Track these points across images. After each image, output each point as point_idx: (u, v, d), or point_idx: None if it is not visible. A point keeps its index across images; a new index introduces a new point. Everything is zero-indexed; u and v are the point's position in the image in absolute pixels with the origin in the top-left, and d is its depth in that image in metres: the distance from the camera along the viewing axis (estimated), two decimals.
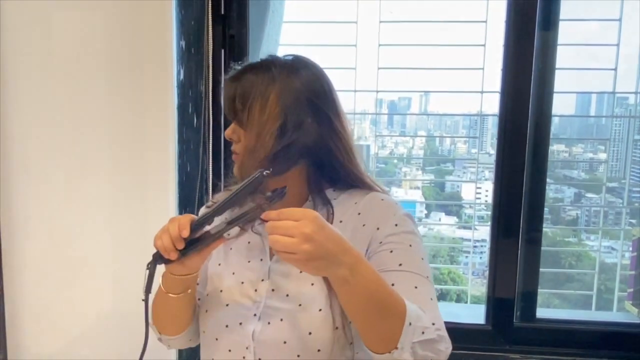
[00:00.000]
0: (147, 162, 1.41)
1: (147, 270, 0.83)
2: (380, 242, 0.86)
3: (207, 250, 0.83)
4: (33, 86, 1.38)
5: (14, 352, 1.43)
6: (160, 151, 1.40)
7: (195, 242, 0.80)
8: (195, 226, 0.79)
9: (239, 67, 0.91)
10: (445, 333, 0.80)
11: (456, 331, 1.61)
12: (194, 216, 0.80)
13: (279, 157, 0.85)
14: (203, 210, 1.01)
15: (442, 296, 2.63)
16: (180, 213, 1.44)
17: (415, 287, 0.82)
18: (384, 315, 0.75)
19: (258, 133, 0.85)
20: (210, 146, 1.53)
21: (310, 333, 0.84)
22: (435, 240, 2.86)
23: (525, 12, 1.49)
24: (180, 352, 1.50)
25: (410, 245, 0.86)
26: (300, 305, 0.86)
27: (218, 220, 0.82)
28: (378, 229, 0.87)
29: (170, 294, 0.88)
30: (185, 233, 0.78)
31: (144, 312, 0.85)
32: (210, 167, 1.53)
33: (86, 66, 1.38)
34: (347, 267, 0.72)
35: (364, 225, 0.89)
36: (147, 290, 0.83)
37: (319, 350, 0.84)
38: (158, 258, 0.82)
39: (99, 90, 1.39)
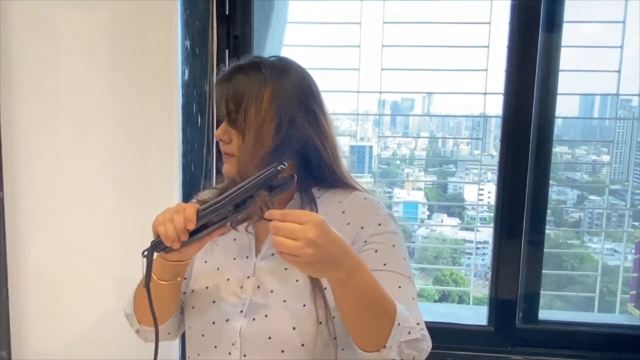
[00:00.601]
0: (152, 161, 1.42)
1: (145, 258, 0.82)
2: (365, 242, 0.89)
3: (208, 239, 0.83)
4: (38, 86, 1.38)
5: (18, 351, 1.44)
6: (164, 151, 1.41)
7: (197, 231, 0.80)
8: (200, 217, 0.78)
9: (227, 68, 0.92)
10: (427, 332, 0.83)
11: (458, 332, 1.63)
12: (198, 206, 0.80)
13: (276, 155, 0.86)
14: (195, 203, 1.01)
15: (444, 297, 2.63)
16: None
17: (399, 287, 0.85)
18: (376, 316, 0.78)
19: (257, 134, 0.86)
20: (214, 146, 1.53)
21: (294, 328, 0.86)
22: (437, 242, 2.86)
23: (529, 14, 1.49)
24: (182, 349, 1.50)
25: (394, 246, 0.89)
26: (284, 301, 0.88)
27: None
28: (362, 227, 0.89)
29: (160, 281, 0.87)
30: (192, 226, 0.78)
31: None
32: (214, 167, 1.53)
33: (91, 66, 1.39)
34: (346, 270, 0.74)
35: (348, 223, 0.91)
36: (148, 278, 0.82)
37: (302, 345, 0.86)
38: (157, 245, 0.81)
39: (104, 90, 1.40)
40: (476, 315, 1.68)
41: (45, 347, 1.45)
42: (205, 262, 0.97)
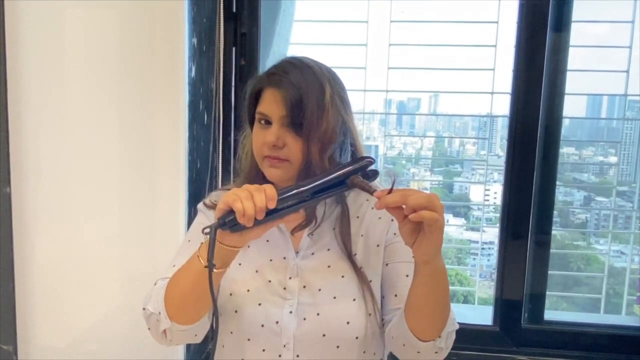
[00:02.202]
0: (158, 159, 1.42)
1: (207, 236, 0.76)
2: (395, 234, 0.92)
3: (278, 223, 0.79)
4: (45, 83, 1.38)
5: (24, 346, 1.44)
6: (171, 148, 1.41)
7: (271, 213, 0.76)
8: (280, 200, 0.75)
9: (273, 70, 0.89)
10: None
11: (464, 332, 1.60)
12: (272, 186, 0.77)
13: (337, 155, 0.88)
14: (201, 207, 0.99)
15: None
16: (190, 210, 1.44)
17: None
18: (445, 307, 0.83)
19: (324, 136, 0.85)
20: (220, 144, 1.54)
21: (348, 322, 0.88)
22: (443, 242, 2.85)
23: (538, 13, 1.48)
24: (187, 346, 1.50)
25: None
26: (334, 297, 0.89)
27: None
28: (392, 220, 0.90)
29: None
30: (273, 204, 0.75)
31: (207, 284, 0.76)
32: (220, 165, 1.54)
33: (98, 63, 1.39)
34: (442, 260, 0.79)
35: (379, 217, 0.94)
36: (211, 257, 0.76)
37: (356, 338, 0.89)
38: (227, 223, 0.76)
39: (111, 87, 1.40)
40: (481, 315, 1.68)
41: (50, 343, 1.45)
42: (240, 264, 0.94)
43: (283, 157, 0.87)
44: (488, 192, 2.15)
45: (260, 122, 0.89)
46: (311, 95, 0.85)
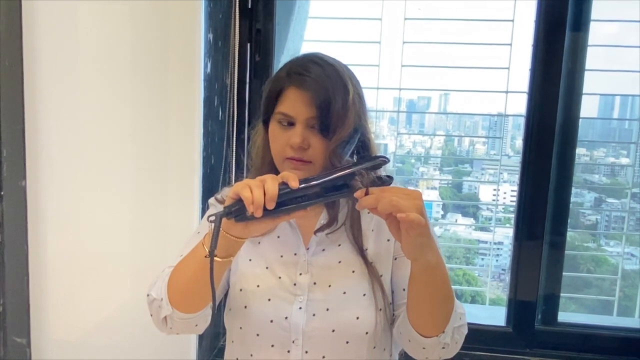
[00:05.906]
0: (172, 154, 1.42)
1: (212, 224, 0.75)
2: None
3: (286, 218, 0.77)
4: (61, 79, 1.38)
5: (37, 338, 1.44)
6: (185, 144, 1.41)
7: (279, 206, 0.74)
8: (291, 191, 0.74)
9: (298, 69, 0.86)
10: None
11: (476, 332, 1.62)
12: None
13: (344, 152, 0.86)
14: (212, 201, 0.99)
15: (457, 297, 2.61)
16: (204, 206, 1.44)
17: None
18: (447, 301, 0.82)
19: (340, 136, 0.84)
20: (234, 140, 1.54)
21: (358, 318, 0.88)
22: (451, 241, 2.84)
23: (556, 12, 1.47)
24: (200, 342, 1.50)
25: None
26: (344, 293, 0.89)
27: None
28: None
29: (215, 258, 0.76)
30: (283, 196, 0.73)
31: (209, 272, 0.74)
32: (234, 161, 1.53)
33: (113, 58, 1.38)
34: (436, 254, 0.77)
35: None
36: (214, 244, 0.74)
37: (366, 333, 0.88)
38: (232, 212, 0.74)
39: (126, 82, 1.40)
40: (493, 316, 1.67)
41: (63, 336, 1.45)
42: (250, 260, 0.94)
43: (307, 159, 0.85)
44: (498, 192, 2.14)
45: (282, 122, 0.86)
46: (337, 96, 0.83)
